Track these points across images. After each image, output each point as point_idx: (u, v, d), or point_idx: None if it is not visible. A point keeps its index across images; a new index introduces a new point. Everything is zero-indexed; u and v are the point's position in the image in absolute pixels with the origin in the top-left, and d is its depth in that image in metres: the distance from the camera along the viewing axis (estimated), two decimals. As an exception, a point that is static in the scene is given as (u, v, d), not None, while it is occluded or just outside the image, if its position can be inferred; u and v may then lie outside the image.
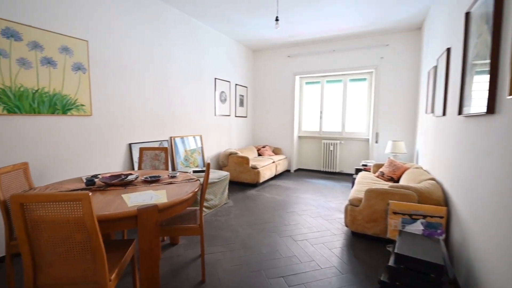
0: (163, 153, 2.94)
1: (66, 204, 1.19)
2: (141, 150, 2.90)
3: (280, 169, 5.53)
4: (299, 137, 6.24)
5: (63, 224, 1.22)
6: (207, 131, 4.77)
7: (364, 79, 5.52)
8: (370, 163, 4.66)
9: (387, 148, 4.64)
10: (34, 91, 2.32)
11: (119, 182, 1.88)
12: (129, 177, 2.03)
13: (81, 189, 1.79)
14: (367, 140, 5.54)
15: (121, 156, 3.16)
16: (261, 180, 4.68)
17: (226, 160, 4.83)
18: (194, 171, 3.47)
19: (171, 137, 3.92)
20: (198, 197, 3.18)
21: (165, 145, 3.80)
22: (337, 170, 5.79)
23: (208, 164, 2.01)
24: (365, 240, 2.70)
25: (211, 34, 4.74)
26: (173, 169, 3.91)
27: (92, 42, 2.78)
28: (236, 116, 5.65)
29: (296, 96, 5.97)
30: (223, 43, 5.10)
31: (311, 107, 6.08)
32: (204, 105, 4.65)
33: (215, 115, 4.95)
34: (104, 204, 1.52)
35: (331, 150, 5.79)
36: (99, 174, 2.27)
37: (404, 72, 4.87)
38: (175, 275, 2.07)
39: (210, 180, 3.39)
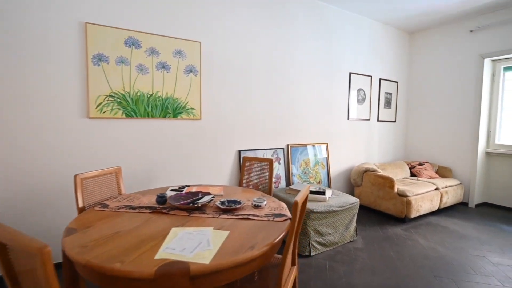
0: (268, 165, 2.36)
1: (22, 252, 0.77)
2: (244, 160, 2.45)
3: (449, 200, 3.66)
4: (488, 154, 3.98)
5: (29, 276, 0.81)
6: (336, 139, 3.81)
7: None
8: None
9: None
10: (149, 95, 2.36)
11: (184, 206, 1.42)
12: (203, 199, 1.55)
13: (150, 207, 1.47)
14: None
15: (229, 164, 2.87)
16: (413, 215, 3.18)
17: (359, 178, 3.67)
18: (313, 192, 2.67)
19: (287, 145, 3.31)
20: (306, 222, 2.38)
21: (280, 154, 3.23)
22: None
23: (296, 204, 1.17)
24: None
25: (345, 19, 3.77)
26: (288, 183, 3.28)
27: (205, 42, 2.62)
28: (378, 121, 4.31)
29: (484, 90, 3.82)
30: (362, 28, 3.97)
31: (517, 105, 3.71)
32: (333, 106, 3.73)
33: (348, 119, 3.90)
34: (135, 244, 1.06)
35: None
36: (187, 186, 1.97)
37: None
38: None
39: (328, 208, 2.47)
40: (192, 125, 2.61)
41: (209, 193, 1.64)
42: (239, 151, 2.93)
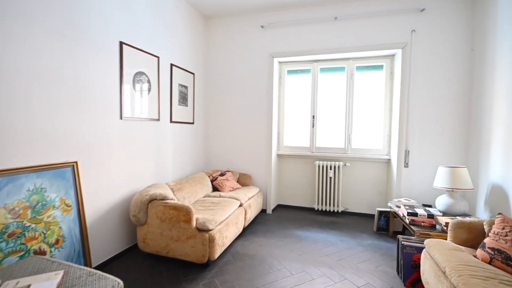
0: None
1: None
2: None
3: (252, 214, 3.19)
4: (279, 156, 4.00)
5: None
6: (98, 152, 2.21)
7: (380, 67, 3.55)
8: (416, 207, 2.57)
9: (438, 180, 2.65)
10: None
11: None
12: None
13: None
14: (387, 161, 3.53)
15: None
16: (218, 252, 2.27)
17: (142, 213, 2.30)
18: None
19: None
20: None
21: None
22: (340, 209, 3.66)
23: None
24: None
25: (110, -50, 2.26)
26: None
27: None
28: (172, 122, 3.18)
29: (274, 92, 3.73)
30: (142, -19, 2.65)
31: (297, 109, 3.91)
32: (89, 96, 2.10)
33: (121, 118, 2.42)
34: None
35: (330, 178, 3.65)
36: None
37: (452, 53, 2.99)
38: None
39: None
40: None
41: None
42: None
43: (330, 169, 3.63)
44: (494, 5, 2.55)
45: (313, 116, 3.79)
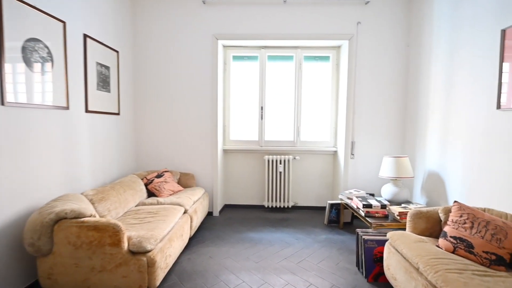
0: None
1: None
2: None
3: (198, 220, 2.75)
4: (225, 152, 3.62)
5: None
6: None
7: (327, 59, 3.51)
8: (368, 198, 2.58)
9: (384, 169, 2.73)
10: None
11: None
12: None
13: None
14: (334, 153, 3.55)
15: None
16: (160, 278, 1.78)
17: (44, 240, 1.62)
18: None
19: None
20: None
21: None
22: (290, 204, 3.53)
23: None
24: None
25: None
26: None
27: None
28: (89, 111, 2.44)
29: (219, 79, 3.31)
30: None
31: (244, 100, 3.58)
32: None
33: (2, 104, 1.65)
34: None
35: (280, 172, 3.47)
36: None
37: (393, 47, 3.12)
38: None
39: None
40: None
41: None
42: None
43: (280, 163, 3.45)
44: (430, 3, 2.70)
45: (262, 107, 3.53)
